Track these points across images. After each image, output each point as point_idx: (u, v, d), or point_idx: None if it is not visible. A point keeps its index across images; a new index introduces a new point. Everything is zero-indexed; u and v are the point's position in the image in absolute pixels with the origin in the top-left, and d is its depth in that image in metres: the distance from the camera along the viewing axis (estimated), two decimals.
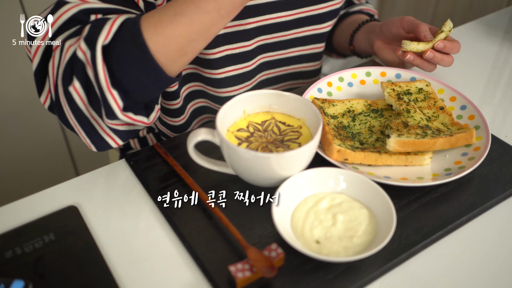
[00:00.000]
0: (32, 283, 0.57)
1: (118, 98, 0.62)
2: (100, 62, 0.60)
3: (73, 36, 0.65)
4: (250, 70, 0.89)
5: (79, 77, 0.62)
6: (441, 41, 0.83)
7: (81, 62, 0.62)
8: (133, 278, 0.59)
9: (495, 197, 0.68)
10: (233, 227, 0.62)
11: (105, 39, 0.61)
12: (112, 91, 0.61)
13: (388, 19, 0.91)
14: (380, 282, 0.59)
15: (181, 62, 0.65)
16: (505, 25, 1.15)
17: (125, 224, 0.66)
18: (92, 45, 0.61)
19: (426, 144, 0.70)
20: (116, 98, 0.62)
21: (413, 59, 0.84)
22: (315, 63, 0.98)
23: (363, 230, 0.61)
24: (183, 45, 0.63)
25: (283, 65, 0.95)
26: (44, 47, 0.66)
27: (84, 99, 0.64)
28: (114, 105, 0.62)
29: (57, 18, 0.66)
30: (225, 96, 0.90)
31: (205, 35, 0.65)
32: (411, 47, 0.83)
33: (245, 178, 0.67)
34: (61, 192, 0.70)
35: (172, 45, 0.62)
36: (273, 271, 0.56)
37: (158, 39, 0.61)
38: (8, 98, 1.61)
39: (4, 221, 0.65)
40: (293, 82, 0.99)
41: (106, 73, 0.61)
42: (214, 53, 0.83)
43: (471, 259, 0.62)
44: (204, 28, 0.64)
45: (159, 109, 0.72)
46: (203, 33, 0.65)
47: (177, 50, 0.63)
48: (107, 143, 0.68)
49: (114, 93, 0.62)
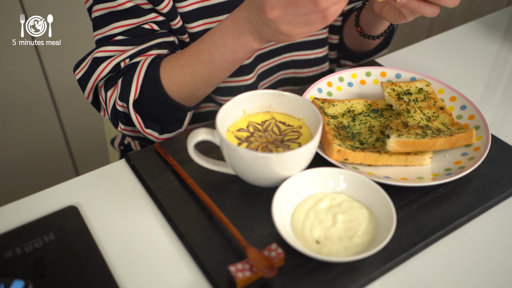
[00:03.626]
0: (32, 283, 0.57)
1: (153, 132, 0.80)
2: (133, 115, 0.77)
3: (110, 83, 0.79)
4: (247, 64, 0.90)
5: (123, 122, 0.80)
6: None
7: (122, 112, 0.79)
8: (133, 278, 0.59)
9: (495, 197, 0.68)
10: (233, 227, 0.62)
11: (135, 97, 0.76)
12: (147, 130, 0.79)
13: None
14: (380, 282, 0.59)
15: (194, 100, 0.80)
16: (505, 25, 1.15)
17: (125, 224, 0.66)
18: (126, 103, 0.77)
19: (426, 144, 0.70)
20: (152, 133, 0.80)
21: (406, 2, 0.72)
22: (309, 52, 0.99)
23: (363, 230, 0.61)
24: (191, 91, 0.77)
25: (275, 55, 0.96)
26: (94, 89, 0.81)
27: (135, 130, 0.82)
28: (152, 138, 0.80)
29: (99, 73, 0.78)
30: (220, 87, 0.92)
31: (209, 82, 0.76)
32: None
33: (245, 178, 0.67)
34: (61, 192, 0.70)
35: (183, 91, 0.76)
36: (273, 271, 0.56)
37: (173, 88, 0.76)
38: (8, 98, 1.61)
39: (4, 221, 0.65)
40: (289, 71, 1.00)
41: (140, 120, 0.78)
42: None
43: (471, 259, 0.62)
44: (205, 77, 0.75)
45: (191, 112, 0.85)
46: (205, 81, 0.76)
47: (188, 94, 0.77)
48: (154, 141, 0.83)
49: (148, 131, 0.79)
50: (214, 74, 0.74)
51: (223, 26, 0.70)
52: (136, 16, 0.78)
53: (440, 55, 1.02)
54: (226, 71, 0.74)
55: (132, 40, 0.79)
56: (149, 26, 0.80)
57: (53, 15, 0.83)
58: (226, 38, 0.69)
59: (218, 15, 0.85)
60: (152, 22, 0.80)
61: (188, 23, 0.84)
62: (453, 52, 1.04)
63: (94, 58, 0.78)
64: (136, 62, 0.78)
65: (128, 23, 0.78)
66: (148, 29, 0.80)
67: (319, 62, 1.01)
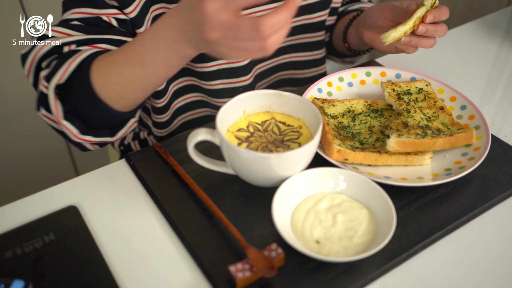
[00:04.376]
0: (32, 283, 0.57)
1: (71, 127, 0.71)
2: (52, 99, 0.70)
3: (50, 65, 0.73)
4: (244, 64, 0.90)
5: (45, 106, 0.72)
6: (421, 25, 0.75)
7: (44, 94, 0.71)
8: (133, 278, 0.59)
9: (495, 197, 0.68)
10: (233, 227, 0.62)
11: (60, 79, 0.69)
12: (64, 122, 0.71)
13: (369, 8, 0.85)
14: (380, 282, 0.59)
15: (123, 104, 0.71)
16: (505, 25, 1.15)
17: (125, 224, 0.66)
18: (48, 83, 0.70)
19: (426, 144, 0.70)
20: (68, 127, 0.71)
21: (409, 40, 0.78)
22: (308, 53, 0.98)
23: (363, 230, 0.61)
24: (118, 92, 0.70)
25: (274, 56, 0.96)
26: (34, 69, 0.75)
27: (54, 119, 0.73)
28: (68, 133, 0.72)
29: (38, 50, 0.73)
30: (217, 89, 0.90)
31: (138, 86, 0.69)
32: (391, 37, 0.76)
33: (245, 178, 0.67)
34: (61, 192, 0.70)
35: (110, 90, 0.69)
36: (273, 271, 0.56)
37: (99, 83, 0.69)
38: (8, 98, 1.61)
39: (4, 221, 0.65)
40: (286, 72, 1.00)
41: (58, 107, 0.70)
42: (209, 66, 0.85)
43: (471, 259, 0.62)
44: (134, 80, 0.68)
45: (135, 122, 0.77)
46: (134, 84, 0.69)
47: (115, 95, 0.70)
48: (87, 148, 0.76)
49: (65, 123, 0.71)
50: (145, 78, 0.68)
51: (154, 31, 0.65)
52: (97, 7, 0.75)
53: (440, 55, 1.02)
54: (159, 77, 0.68)
55: (85, 28, 0.75)
56: (108, 20, 0.76)
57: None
58: (157, 44, 0.64)
59: None
60: (113, 17, 0.76)
61: None
62: (453, 52, 1.04)
63: (42, 35, 0.74)
64: (79, 50, 0.73)
65: (87, 11, 0.75)
66: (106, 22, 0.76)
67: (317, 63, 1.01)
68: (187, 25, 0.60)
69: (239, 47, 0.57)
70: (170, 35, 0.62)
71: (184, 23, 0.60)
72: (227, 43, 0.57)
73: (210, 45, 0.58)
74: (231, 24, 0.55)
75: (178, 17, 0.61)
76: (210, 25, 0.55)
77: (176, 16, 0.62)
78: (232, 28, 0.55)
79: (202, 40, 0.58)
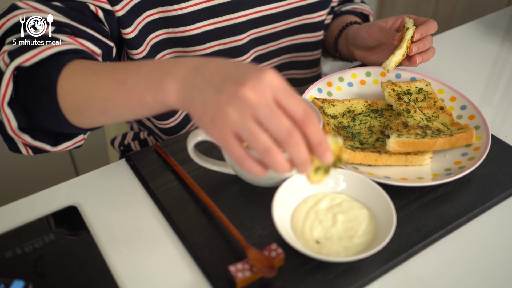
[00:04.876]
0: (32, 283, 0.57)
1: (12, 117, 0.61)
2: (6, 78, 0.59)
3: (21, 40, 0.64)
4: None
5: None
6: (412, 46, 0.80)
7: (1, 71, 0.61)
8: (133, 278, 0.59)
9: (495, 197, 0.68)
10: (233, 227, 0.62)
11: (26, 61, 0.60)
12: (6, 109, 0.60)
13: (355, 29, 0.89)
14: (380, 282, 0.59)
15: (78, 119, 0.60)
16: (505, 25, 1.15)
17: (125, 224, 0.65)
18: (11, 60, 0.60)
19: (426, 144, 0.70)
20: (9, 117, 0.61)
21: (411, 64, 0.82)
22: (309, 53, 0.98)
23: (363, 230, 0.61)
24: (79, 103, 0.59)
25: (275, 56, 0.95)
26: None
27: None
28: (5, 123, 0.61)
29: (6, 20, 0.65)
30: None
31: (102, 106, 0.58)
32: (393, 63, 0.80)
33: (245, 178, 0.67)
34: (61, 192, 0.70)
35: (72, 97, 0.59)
36: (273, 271, 0.56)
37: (65, 85, 0.58)
38: None
39: (4, 221, 0.65)
40: (286, 72, 1.00)
41: (8, 90, 0.60)
42: (205, 49, 0.83)
43: (471, 259, 0.62)
44: (102, 97, 0.57)
45: (82, 139, 0.68)
46: (99, 102, 0.58)
47: (74, 105, 0.59)
48: (19, 149, 0.66)
49: (7, 111, 0.60)
50: (113, 100, 0.56)
51: (163, 59, 0.59)
52: None
53: (440, 55, 1.02)
54: (125, 107, 0.56)
55: (67, 11, 0.67)
56: (95, 10, 0.70)
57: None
58: (151, 68, 0.54)
59: (178, 26, 0.80)
60: (100, 9, 0.70)
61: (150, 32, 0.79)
62: (453, 52, 1.04)
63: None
64: (59, 39, 0.64)
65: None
66: (92, 12, 0.70)
67: (318, 63, 1.02)
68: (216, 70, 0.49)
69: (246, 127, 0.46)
70: (175, 66, 0.52)
71: (213, 69, 0.49)
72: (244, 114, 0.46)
73: (228, 99, 0.46)
74: (273, 110, 0.46)
75: (205, 62, 0.51)
76: (253, 85, 0.46)
77: (205, 61, 0.51)
78: (268, 110, 0.46)
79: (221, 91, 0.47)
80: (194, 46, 0.82)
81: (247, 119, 0.46)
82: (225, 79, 0.48)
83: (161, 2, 0.77)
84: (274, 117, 0.46)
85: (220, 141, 0.48)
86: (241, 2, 0.83)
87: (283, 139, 0.47)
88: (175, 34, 0.81)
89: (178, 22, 0.79)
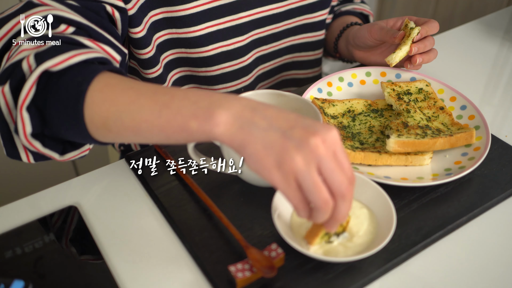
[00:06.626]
0: (32, 283, 0.57)
1: (28, 122, 0.57)
2: (30, 82, 0.56)
3: (35, 39, 0.62)
4: (246, 65, 0.89)
5: (12, 84, 0.58)
6: (412, 46, 0.80)
7: (22, 72, 0.58)
8: (133, 278, 0.59)
9: (495, 197, 0.68)
10: (233, 227, 0.62)
11: (55, 66, 0.56)
12: (23, 113, 0.57)
13: (355, 30, 0.89)
14: (380, 282, 0.59)
15: (103, 133, 0.57)
16: (505, 25, 1.15)
17: (125, 224, 0.66)
18: (38, 64, 0.57)
19: (426, 144, 0.70)
20: (25, 121, 0.57)
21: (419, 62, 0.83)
22: (310, 53, 0.98)
23: (363, 230, 0.61)
24: (109, 118, 0.55)
25: (277, 56, 0.95)
26: (6, 40, 0.63)
27: (9, 105, 0.59)
28: (20, 127, 0.58)
29: (25, 17, 0.62)
30: (219, 89, 0.90)
31: (134, 126, 0.54)
32: (397, 59, 0.81)
33: (245, 178, 0.67)
34: (61, 192, 0.70)
35: (102, 111, 0.55)
36: (273, 271, 0.56)
37: (96, 95, 0.55)
38: None
39: (4, 221, 0.65)
40: (288, 72, 1.00)
41: (29, 94, 0.57)
42: (208, 50, 0.83)
43: (471, 259, 0.62)
44: (137, 116, 0.54)
45: (88, 149, 0.66)
46: (132, 121, 0.54)
47: (102, 118, 0.55)
48: (19, 154, 0.62)
49: (24, 115, 0.57)
50: (150, 122, 0.53)
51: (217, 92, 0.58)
52: None
53: (440, 55, 1.02)
54: (162, 131, 0.53)
55: (83, 10, 0.65)
56: (111, 11, 0.68)
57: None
58: (200, 96, 0.52)
59: (182, 27, 0.80)
60: (115, 7, 0.69)
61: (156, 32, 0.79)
62: (453, 52, 1.04)
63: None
64: (85, 45, 0.61)
65: None
66: (108, 13, 0.68)
67: (319, 63, 1.02)
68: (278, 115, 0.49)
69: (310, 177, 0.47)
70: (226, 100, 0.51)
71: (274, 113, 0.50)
72: (311, 163, 0.47)
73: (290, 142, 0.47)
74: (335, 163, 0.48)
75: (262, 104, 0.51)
76: (324, 137, 0.47)
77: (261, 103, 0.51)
78: (334, 164, 0.47)
79: (286, 135, 0.47)
80: (197, 47, 0.82)
81: (312, 168, 0.47)
82: (292, 126, 0.48)
83: (166, 2, 0.77)
84: (337, 171, 0.48)
85: (281, 185, 0.48)
86: (243, 2, 0.83)
87: (341, 194, 0.49)
88: (178, 35, 0.81)
89: (181, 23, 0.79)
